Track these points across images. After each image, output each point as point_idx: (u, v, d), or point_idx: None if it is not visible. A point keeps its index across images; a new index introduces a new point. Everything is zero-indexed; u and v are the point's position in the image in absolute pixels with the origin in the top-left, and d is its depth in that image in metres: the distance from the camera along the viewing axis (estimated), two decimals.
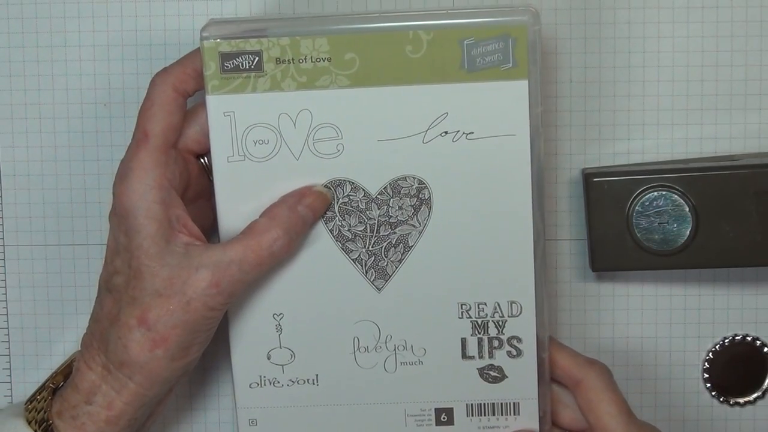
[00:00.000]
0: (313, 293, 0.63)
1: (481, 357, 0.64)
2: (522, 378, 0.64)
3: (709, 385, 0.69)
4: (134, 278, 0.59)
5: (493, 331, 0.64)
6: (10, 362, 0.70)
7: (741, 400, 0.70)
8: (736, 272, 0.69)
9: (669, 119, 0.68)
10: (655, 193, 0.65)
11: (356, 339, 0.64)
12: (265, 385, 0.64)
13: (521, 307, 0.63)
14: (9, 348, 0.70)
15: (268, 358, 0.64)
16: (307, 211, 0.61)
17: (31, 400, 0.63)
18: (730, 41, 0.67)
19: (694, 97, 0.67)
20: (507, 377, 0.64)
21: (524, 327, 0.63)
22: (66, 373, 0.63)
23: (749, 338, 0.69)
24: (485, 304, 0.63)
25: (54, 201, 0.69)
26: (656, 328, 0.69)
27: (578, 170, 0.68)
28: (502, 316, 0.63)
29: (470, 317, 0.63)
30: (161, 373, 0.59)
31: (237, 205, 0.62)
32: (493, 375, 0.64)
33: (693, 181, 0.64)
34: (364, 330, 0.64)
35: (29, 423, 0.61)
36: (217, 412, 0.70)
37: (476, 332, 0.64)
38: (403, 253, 0.63)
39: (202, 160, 0.64)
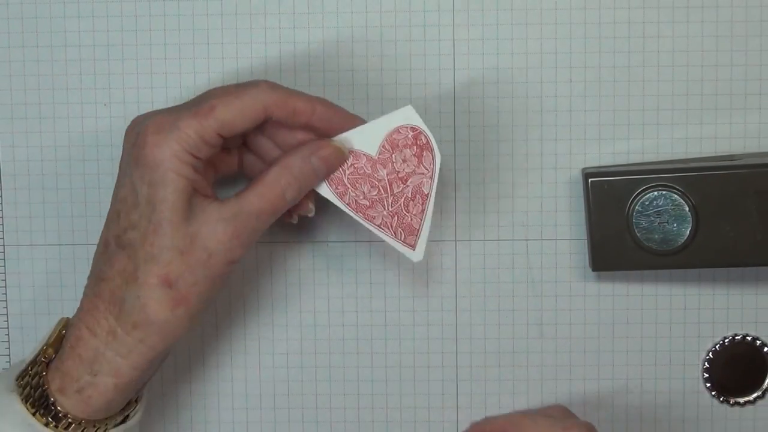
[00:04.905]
0: None
1: None
2: None
3: (709, 385, 0.69)
4: (153, 233, 0.57)
5: None
6: (10, 362, 0.70)
7: (741, 400, 0.70)
8: (736, 272, 0.69)
9: (669, 119, 0.68)
10: (655, 193, 0.65)
11: None
12: None
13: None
14: (9, 348, 0.70)
15: None
16: (320, 163, 0.60)
17: (22, 375, 0.59)
18: (730, 41, 0.67)
19: (694, 97, 0.67)
20: None
21: None
22: (56, 345, 0.60)
23: (749, 338, 0.69)
24: None
25: (54, 201, 0.69)
26: (656, 328, 0.69)
27: (578, 170, 0.68)
28: None
29: None
30: (177, 333, 0.58)
31: None
32: None
33: (693, 181, 0.64)
34: None
35: (26, 402, 0.58)
36: (217, 411, 0.70)
37: None
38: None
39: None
